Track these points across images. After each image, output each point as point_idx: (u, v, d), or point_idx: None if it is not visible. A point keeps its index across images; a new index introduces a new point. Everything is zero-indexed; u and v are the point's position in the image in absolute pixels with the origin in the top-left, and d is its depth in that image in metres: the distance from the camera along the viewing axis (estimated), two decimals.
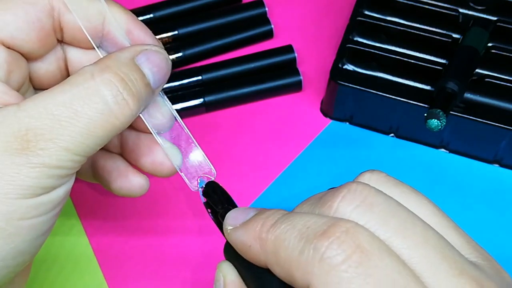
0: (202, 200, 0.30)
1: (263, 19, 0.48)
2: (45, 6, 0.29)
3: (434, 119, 0.38)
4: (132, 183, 0.32)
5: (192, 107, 0.44)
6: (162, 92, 0.30)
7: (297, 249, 0.21)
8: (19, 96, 0.27)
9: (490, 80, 0.41)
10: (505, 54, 0.42)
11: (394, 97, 0.41)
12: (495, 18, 0.43)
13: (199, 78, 0.45)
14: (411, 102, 0.41)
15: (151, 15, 0.47)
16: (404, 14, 0.44)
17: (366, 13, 0.45)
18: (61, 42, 0.31)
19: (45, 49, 0.30)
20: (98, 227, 0.40)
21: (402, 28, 0.43)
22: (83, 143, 0.26)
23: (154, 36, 0.31)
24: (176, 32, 0.47)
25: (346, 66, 0.43)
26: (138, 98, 0.27)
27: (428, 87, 0.42)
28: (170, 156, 0.31)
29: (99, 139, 0.26)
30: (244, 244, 0.24)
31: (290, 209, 0.25)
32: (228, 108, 0.45)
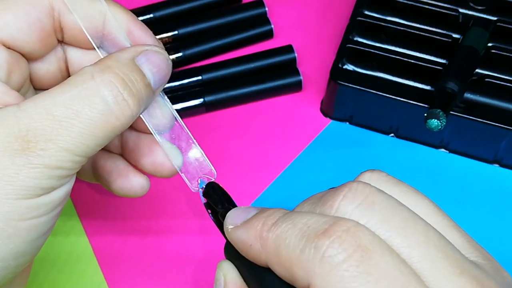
0: (203, 201, 0.30)
1: (263, 19, 0.48)
2: (45, 7, 0.29)
3: (434, 119, 0.38)
4: (132, 184, 0.32)
5: (192, 107, 0.44)
6: (163, 92, 0.30)
7: (298, 248, 0.21)
8: (20, 96, 0.27)
9: (490, 80, 0.41)
10: (505, 54, 0.42)
11: (394, 97, 0.41)
12: (495, 18, 0.43)
13: (199, 78, 0.45)
14: (411, 102, 0.41)
15: (151, 15, 0.47)
16: (404, 14, 0.44)
17: (366, 13, 0.45)
18: (61, 42, 0.31)
19: (45, 49, 0.30)
20: (98, 227, 0.40)
21: (402, 28, 0.43)
22: (83, 144, 0.25)
23: (154, 36, 0.31)
24: (176, 32, 0.47)
25: (346, 66, 0.43)
26: (138, 99, 0.27)
27: (428, 87, 0.42)
28: (170, 156, 0.31)
29: (99, 140, 0.26)
30: (244, 243, 0.24)
31: (290, 209, 0.25)
32: (228, 108, 0.45)
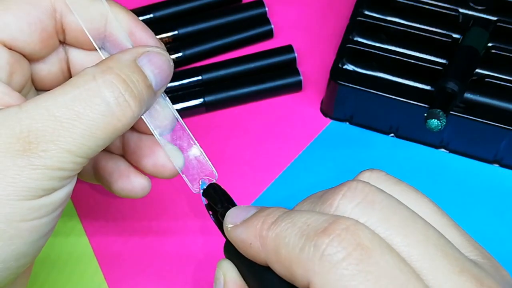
0: (204, 202, 0.30)
1: (263, 19, 0.47)
2: (47, 8, 0.29)
3: (434, 119, 0.38)
4: (133, 184, 0.32)
5: (192, 107, 0.44)
6: (164, 93, 0.30)
7: (297, 246, 0.21)
8: (21, 97, 0.27)
9: (490, 80, 0.41)
10: (505, 54, 0.42)
11: (394, 97, 0.41)
12: (495, 18, 0.43)
13: (199, 78, 0.45)
14: (411, 102, 0.41)
15: (151, 15, 0.47)
16: (404, 14, 0.44)
17: (366, 13, 0.45)
18: (63, 43, 0.31)
19: (47, 50, 0.30)
20: (98, 228, 0.40)
21: (402, 28, 0.43)
22: (85, 145, 0.25)
23: (156, 37, 0.31)
24: (176, 32, 0.46)
25: (346, 66, 0.43)
26: (139, 100, 0.27)
27: (428, 87, 0.42)
28: (171, 157, 0.31)
29: (101, 141, 0.26)
30: (244, 242, 0.24)
31: (290, 209, 0.25)
32: (228, 108, 0.45)
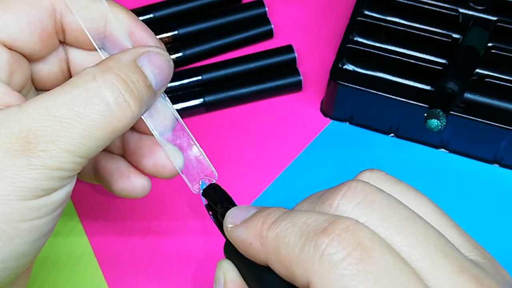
0: (204, 202, 0.30)
1: (263, 19, 0.47)
2: (47, 8, 0.29)
3: (434, 119, 0.38)
4: (134, 184, 0.32)
5: (192, 107, 0.44)
6: (164, 94, 0.30)
7: (297, 246, 0.21)
8: (21, 97, 0.27)
9: (490, 80, 0.41)
10: (505, 54, 0.42)
11: (394, 97, 0.41)
12: (495, 18, 0.43)
13: (199, 78, 0.45)
14: (411, 102, 0.41)
15: (151, 15, 0.47)
16: (404, 14, 0.44)
17: (366, 13, 0.45)
18: (63, 43, 0.31)
19: (47, 50, 0.30)
20: (98, 228, 0.40)
21: (402, 28, 0.43)
22: (84, 145, 0.25)
23: (156, 37, 0.31)
24: (176, 32, 0.46)
25: (346, 66, 0.43)
26: (139, 100, 0.27)
27: (428, 87, 0.42)
28: (171, 157, 0.30)
29: (101, 141, 0.26)
30: (244, 241, 0.24)
31: (290, 209, 0.25)
32: (228, 108, 0.45)
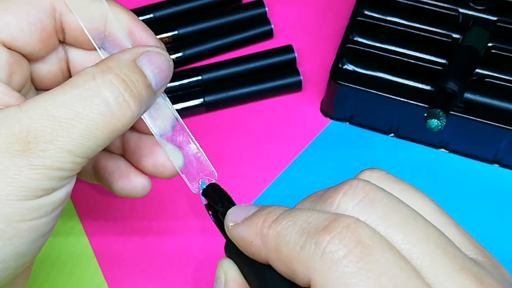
0: (204, 202, 0.30)
1: (263, 19, 0.47)
2: (46, 7, 0.29)
3: (434, 119, 0.38)
4: (134, 184, 0.32)
5: (192, 107, 0.44)
6: (164, 93, 0.30)
7: (298, 244, 0.21)
8: (21, 97, 0.27)
9: (490, 80, 0.41)
10: (505, 54, 0.42)
11: (394, 97, 0.41)
12: (495, 18, 0.43)
13: (199, 78, 0.45)
14: (411, 102, 0.41)
15: (151, 15, 0.47)
16: (404, 14, 0.44)
17: (366, 13, 0.45)
18: (63, 43, 0.31)
19: (46, 50, 0.30)
20: (98, 227, 0.40)
21: (402, 28, 0.43)
22: (84, 145, 0.25)
23: (156, 37, 0.31)
24: (176, 32, 0.46)
25: (346, 66, 0.43)
26: (139, 100, 0.27)
27: (428, 87, 0.42)
28: (171, 157, 0.30)
29: (100, 141, 0.26)
30: (245, 240, 0.24)
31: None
32: (228, 108, 0.45)
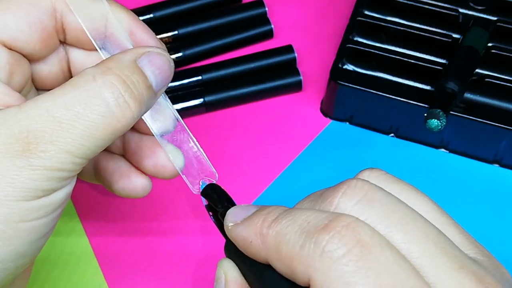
0: (204, 203, 0.30)
1: (263, 19, 0.47)
2: (47, 7, 0.29)
3: (434, 119, 0.38)
4: (134, 184, 0.32)
5: (192, 107, 0.44)
6: (165, 94, 0.30)
7: (298, 243, 0.21)
8: (21, 97, 0.27)
9: (490, 80, 0.41)
10: (505, 54, 0.42)
11: (394, 97, 0.41)
12: (495, 18, 0.43)
13: (199, 78, 0.45)
14: (411, 102, 0.41)
15: (151, 15, 0.47)
16: (404, 14, 0.44)
17: (366, 13, 0.45)
18: (63, 43, 0.31)
19: (47, 50, 0.30)
20: (98, 228, 0.40)
21: (402, 28, 0.43)
22: (84, 146, 0.25)
23: (156, 37, 0.31)
24: (176, 32, 0.46)
25: (346, 66, 0.43)
26: (139, 101, 0.27)
27: (428, 87, 0.42)
28: (172, 158, 0.30)
29: (101, 142, 0.26)
30: (245, 240, 0.24)
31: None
32: (228, 108, 0.45)
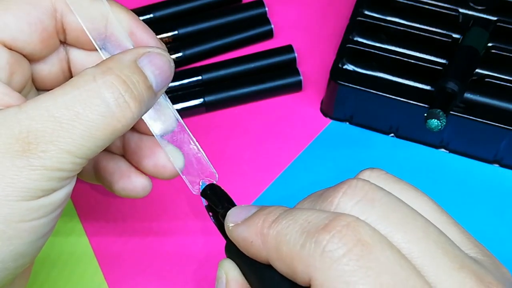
0: (204, 203, 0.30)
1: (263, 19, 0.47)
2: (47, 7, 0.29)
3: (434, 119, 0.38)
4: (134, 184, 0.32)
5: (192, 107, 0.44)
6: (165, 94, 0.30)
7: (298, 243, 0.21)
8: (21, 97, 0.27)
9: (490, 80, 0.41)
10: (505, 54, 0.42)
11: (394, 97, 0.41)
12: (495, 18, 0.43)
13: (199, 78, 0.45)
14: (411, 102, 0.41)
15: (151, 15, 0.47)
16: (404, 14, 0.44)
17: (366, 13, 0.45)
18: (64, 43, 0.31)
19: (47, 50, 0.30)
20: (98, 228, 0.40)
21: (402, 28, 0.43)
22: (84, 146, 0.25)
23: (156, 37, 0.31)
24: (176, 32, 0.46)
25: (346, 66, 0.43)
26: (140, 101, 0.26)
27: (428, 87, 0.42)
28: (172, 158, 0.30)
29: (101, 142, 0.26)
30: (245, 240, 0.24)
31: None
32: (228, 108, 0.45)
